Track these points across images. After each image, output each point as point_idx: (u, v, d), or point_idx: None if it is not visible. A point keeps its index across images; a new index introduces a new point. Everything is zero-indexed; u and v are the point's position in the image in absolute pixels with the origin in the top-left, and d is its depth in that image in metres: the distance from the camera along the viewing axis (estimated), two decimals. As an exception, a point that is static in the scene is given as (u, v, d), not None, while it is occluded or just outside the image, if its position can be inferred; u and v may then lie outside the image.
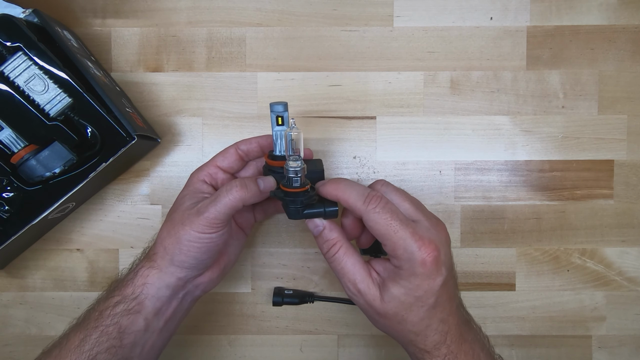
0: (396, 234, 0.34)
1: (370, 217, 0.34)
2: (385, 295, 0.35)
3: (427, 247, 0.34)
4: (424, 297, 0.34)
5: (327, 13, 0.48)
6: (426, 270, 0.34)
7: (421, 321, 0.35)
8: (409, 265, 0.34)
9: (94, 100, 0.41)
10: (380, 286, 0.36)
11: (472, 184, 0.49)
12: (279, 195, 0.36)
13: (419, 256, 0.34)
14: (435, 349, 0.35)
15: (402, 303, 0.35)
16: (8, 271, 0.48)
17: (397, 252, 0.34)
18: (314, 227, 0.38)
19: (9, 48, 0.40)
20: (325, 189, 0.37)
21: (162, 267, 0.37)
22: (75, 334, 0.36)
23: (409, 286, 0.34)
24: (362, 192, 0.35)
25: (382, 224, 0.34)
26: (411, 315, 0.35)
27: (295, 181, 0.36)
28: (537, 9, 0.48)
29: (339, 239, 0.37)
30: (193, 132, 0.48)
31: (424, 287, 0.34)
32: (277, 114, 0.37)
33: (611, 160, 0.49)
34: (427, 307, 0.35)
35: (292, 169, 0.35)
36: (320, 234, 0.38)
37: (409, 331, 0.36)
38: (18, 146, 0.40)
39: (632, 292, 0.49)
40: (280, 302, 0.48)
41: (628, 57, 0.48)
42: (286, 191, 0.36)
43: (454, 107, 0.48)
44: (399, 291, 0.35)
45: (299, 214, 0.37)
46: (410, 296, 0.35)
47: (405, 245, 0.34)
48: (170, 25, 0.48)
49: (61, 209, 0.43)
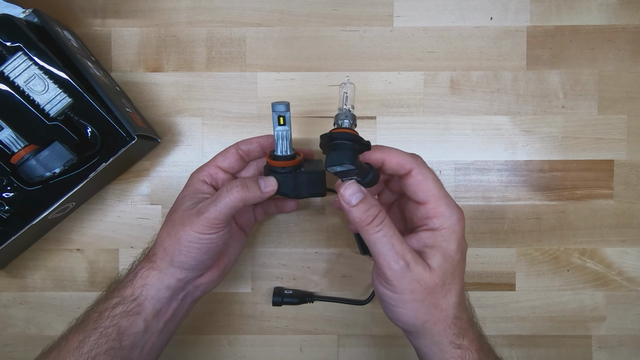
0: (440, 191, 0.35)
1: (421, 170, 0.35)
2: (432, 262, 0.34)
3: (460, 211, 0.36)
4: (461, 261, 0.35)
5: (327, 13, 0.48)
6: (462, 229, 0.35)
7: (462, 290, 0.36)
8: (450, 223, 0.35)
9: (94, 100, 0.41)
10: (423, 257, 0.35)
11: (472, 184, 0.49)
12: (330, 136, 0.34)
13: (458, 215, 0.35)
14: (469, 327, 0.35)
15: (447, 268, 0.34)
16: (8, 271, 0.48)
17: (440, 208, 0.35)
18: (352, 194, 0.34)
19: (9, 48, 0.40)
20: (370, 153, 0.35)
21: (162, 268, 0.37)
22: (74, 335, 0.36)
23: (450, 247, 0.35)
24: (405, 152, 0.36)
25: (431, 178, 0.35)
26: (455, 283, 0.35)
27: (347, 125, 0.34)
28: (537, 9, 0.48)
29: (381, 207, 0.34)
30: (193, 132, 0.48)
31: (462, 248, 0.35)
32: (278, 113, 0.37)
33: (611, 160, 0.49)
34: (463, 273, 0.36)
35: (346, 113, 0.35)
36: (361, 201, 0.34)
37: (454, 304, 0.35)
38: (18, 146, 0.40)
39: (632, 292, 0.49)
40: (280, 302, 0.48)
41: (628, 57, 0.48)
42: (337, 132, 0.34)
43: (454, 107, 0.48)
44: (443, 254, 0.34)
45: (348, 157, 0.32)
46: (454, 258, 0.35)
47: (449, 202, 0.35)
48: (170, 25, 0.48)
49: (61, 209, 0.43)
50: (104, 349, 0.35)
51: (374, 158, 0.36)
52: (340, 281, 0.49)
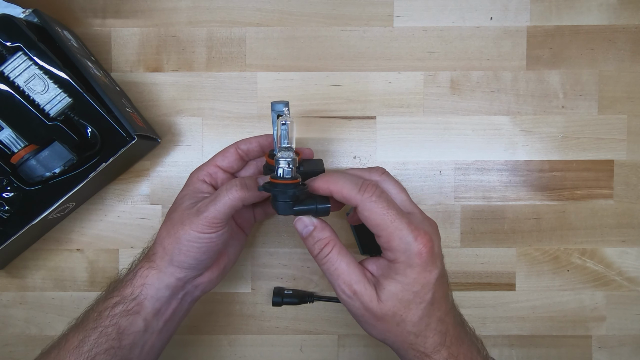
0: (392, 224, 0.33)
1: (366, 206, 0.33)
2: (382, 294, 0.34)
3: (423, 238, 0.33)
4: (421, 293, 0.33)
5: (327, 13, 0.48)
6: (422, 262, 0.33)
7: (420, 320, 0.34)
8: (406, 257, 0.33)
9: (94, 100, 0.41)
10: (376, 286, 0.34)
11: (472, 184, 0.49)
12: (267, 188, 0.34)
13: (415, 247, 0.33)
14: (435, 352, 0.34)
15: (400, 300, 0.34)
16: (8, 271, 0.48)
17: (393, 243, 0.33)
18: (304, 228, 0.36)
19: (9, 48, 0.40)
20: (316, 183, 0.35)
21: (162, 267, 0.37)
22: (74, 335, 0.36)
23: (405, 280, 0.33)
24: (356, 182, 0.34)
25: (379, 213, 0.33)
26: (410, 314, 0.34)
27: (286, 173, 0.34)
28: (537, 9, 0.48)
29: (332, 237, 0.35)
30: (193, 132, 0.48)
31: (420, 281, 0.33)
32: (278, 112, 0.37)
33: (611, 160, 0.49)
34: (425, 303, 0.34)
35: (282, 159, 0.33)
36: (310, 234, 0.36)
37: (409, 332, 0.34)
38: (18, 146, 0.40)
39: (632, 292, 0.49)
40: (280, 302, 0.48)
41: (628, 57, 0.48)
42: (276, 183, 0.34)
43: (454, 107, 0.48)
44: (395, 287, 0.33)
45: (289, 208, 0.34)
46: (408, 292, 0.33)
47: (402, 235, 0.33)
48: (170, 25, 0.48)
49: (61, 209, 0.43)
50: (104, 348, 0.35)
51: (321, 191, 0.35)
52: (340, 281, 0.49)
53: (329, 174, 0.36)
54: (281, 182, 0.34)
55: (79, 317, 0.38)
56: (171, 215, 0.38)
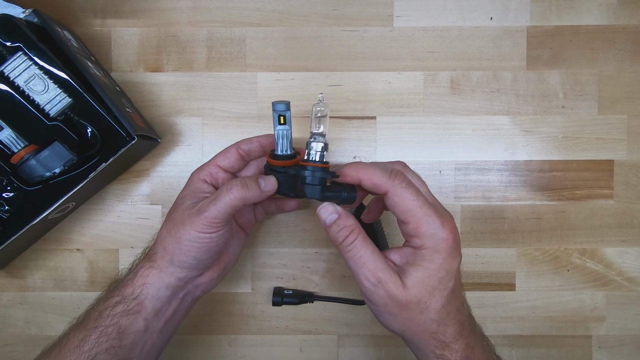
0: (422, 210, 0.34)
1: (397, 192, 0.34)
2: (408, 281, 0.34)
3: (449, 225, 0.34)
4: (445, 279, 0.34)
5: (327, 13, 0.48)
6: (449, 247, 0.34)
7: (443, 308, 0.34)
8: (433, 242, 0.34)
9: (94, 100, 0.41)
10: (400, 274, 0.35)
11: (472, 184, 0.49)
12: (297, 170, 0.35)
13: (442, 233, 0.33)
14: (454, 341, 0.35)
15: (425, 287, 0.34)
16: (8, 271, 0.48)
17: (422, 229, 0.34)
18: (328, 215, 0.36)
19: (9, 48, 0.40)
20: (346, 170, 0.36)
21: (162, 267, 0.37)
22: (74, 334, 0.36)
23: (431, 267, 0.34)
24: (386, 169, 0.35)
25: (409, 199, 0.34)
26: (433, 301, 0.34)
27: (318, 156, 0.34)
28: (537, 9, 0.48)
29: (357, 225, 0.36)
30: (193, 132, 0.48)
31: (445, 267, 0.34)
32: (279, 112, 0.37)
33: (611, 160, 0.49)
34: (447, 290, 0.34)
35: (315, 142, 0.34)
36: (335, 221, 0.36)
37: (432, 320, 0.35)
38: (18, 146, 0.40)
39: (632, 292, 0.49)
40: (280, 302, 0.48)
41: (628, 57, 0.48)
42: (306, 165, 0.34)
43: (454, 107, 0.48)
44: (421, 274, 0.34)
45: (317, 192, 0.35)
46: (434, 278, 0.34)
47: (430, 221, 0.34)
48: (170, 25, 0.48)
49: (61, 209, 0.43)
50: (104, 348, 0.35)
51: (350, 178, 0.36)
52: (340, 281, 0.49)
53: (357, 162, 0.36)
54: (311, 165, 0.34)
55: (80, 316, 0.38)
56: (172, 215, 0.38)
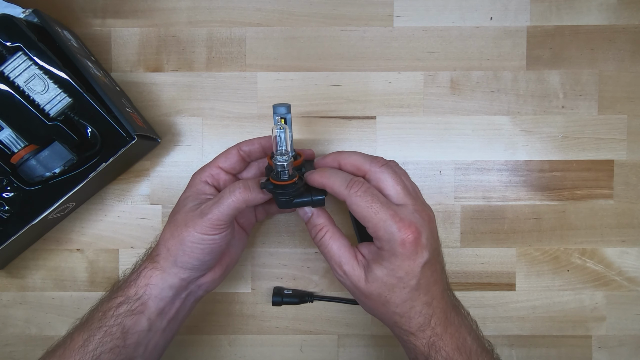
0: (377, 216, 0.35)
1: (352, 200, 0.35)
2: (369, 276, 0.36)
3: (407, 229, 0.34)
4: (405, 278, 0.35)
5: (327, 13, 0.48)
6: (406, 251, 0.34)
7: (404, 303, 0.36)
8: (390, 245, 0.35)
9: (94, 100, 0.41)
10: (365, 268, 0.37)
11: (472, 184, 0.49)
12: (269, 188, 0.37)
13: (398, 237, 0.34)
14: (419, 331, 0.36)
15: (384, 284, 0.36)
16: (8, 271, 0.48)
17: (378, 232, 0.35)
18: (303, 215, 0.39)
19: (9, 48, 0.40)
20: (312, 177, 0.38)
21: (165, 268, 0.37)
22: (79, 334, 0.36)
23: (390, 267, 0.35)
24: (345, 178, 0.36)
25: (363, 206, 0.35)
26: (394, 297, 0.36)
27: (283, 174, 0.36)
28: (537, 9, 0.48)
29: (326, 223, 0.38)
30: (193, 132, 0.48)
31: (404, 268, 0.35)
32: (280, 115, 0.37)
33: (611, 160, 0.49)
34: (409, 288, 0.36)
35: (279, 163, 0.36)
36: (308, 220, 0.39)
37: (393, 312, 0.37)
38: (18, 146, 0.40)
39: (632, 292, 0.49)
40: (280, 302, 0.48)
41: (628, 57, 0.48)
42: (275, 184, 0.36)
43: (454, 107, 0.48)
44: (381, 272, 0.36)
45: (289, 203, 0.38)
46: (392, 277, 0.35)
47: (385, 226, 0.34)
48: (170, 25, 0.48)
49: (61, 209, 0.43)
50: (109, 347, 0.35)
51: (316, 184, 0.38)
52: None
53: (323, 169, 0.38)
54: (280, 183, 0.36)
55: (84, 316, 0.38)
56: (174, 216, 0.38)
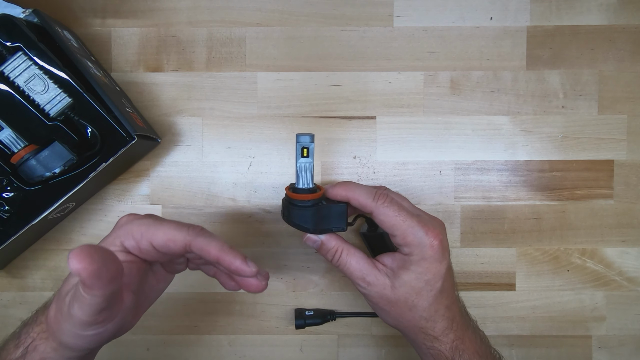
0: (405, 223, 0.37)
1: (380, 211, 0.37)
2: (396, 282, 0.37)
3: (433, 232, 0.37)
4: (432, 281, 0.37)
5: (327, 13, 0.48)
6: (434, 253, 0.37)
7: (430, 306, 0.37)
8: (419, 249, 0.37)
9: (94, 100, 0.41)
10: (390, 276, 0.38)
11: (472, 184, 0.49)
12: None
13: (427, 240, 0.36)
14: (443, 335, 0.38)
15: (412, 288, 0.37)
16: (8, 271, 0.48)
17: (407, 239, 0.37)
18: (313, 243, 0.40)
19: (9, 48, 0.40)
20: (335, 191, 0.39)
21: (55, 346, 0.33)
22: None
23: (419, 270, 0.37)
24: (370, 191, 0.38)
25: (392, 215, 0.37)
26: (421, 300, 0.37)
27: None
28: (537, 9, 0.48)
29: (339, 244, 0.39)
30: (193, 132, 0.48)
31: (432, 270, 0.37)
32: (303, 145, 0.36)
33: (611, 160, 0.49)
34: (435, 291, 0.37)
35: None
36: (320, 247, 0.40)
37: (420, 317, 0.38)
38: (18, 146, 0.40)
39: (632, 292, 0.49)
40: (303, 324, 0.47)
41: (628, 57, 0.48)
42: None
43: (454, 107, 0.48)
44: (409, 276, 0.37)
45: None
46: (421, 280, 0.37)
47: (414, 231, 0.37)
48: (170, 25, 0.48)
49: (61, 209, 0.43)
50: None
51: (339, 197, 0.39)
52: (340, 281, 0.49)
53: (346, 182, 0.39)
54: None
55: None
56: (60, 292, 0.33)
